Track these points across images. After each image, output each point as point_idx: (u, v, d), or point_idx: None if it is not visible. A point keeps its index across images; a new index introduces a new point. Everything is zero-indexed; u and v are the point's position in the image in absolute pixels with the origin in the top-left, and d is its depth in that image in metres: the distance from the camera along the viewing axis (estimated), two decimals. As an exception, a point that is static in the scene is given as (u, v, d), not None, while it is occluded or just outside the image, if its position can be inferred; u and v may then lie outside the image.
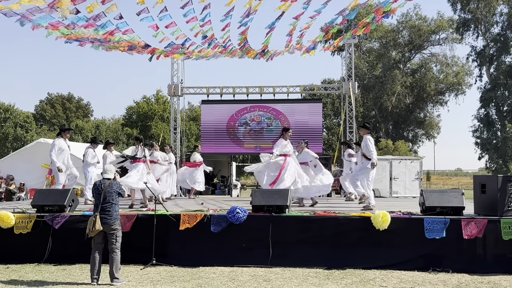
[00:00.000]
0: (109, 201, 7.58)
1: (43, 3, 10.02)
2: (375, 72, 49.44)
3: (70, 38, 12.44)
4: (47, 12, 10.32)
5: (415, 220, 8.61)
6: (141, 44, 13.62)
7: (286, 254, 8.61)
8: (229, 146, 21.22)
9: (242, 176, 50.62)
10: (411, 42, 49.51)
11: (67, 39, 12.41)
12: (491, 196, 8.63)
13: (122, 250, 7.68)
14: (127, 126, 52.85)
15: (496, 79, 44.59)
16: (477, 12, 44.83)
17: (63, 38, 12.35)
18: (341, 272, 8.18)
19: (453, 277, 7.86)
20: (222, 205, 11.67)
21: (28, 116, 52.30)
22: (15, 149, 37.77)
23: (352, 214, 8.97)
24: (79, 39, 12.63)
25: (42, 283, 7.53)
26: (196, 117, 50.09)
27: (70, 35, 12.17)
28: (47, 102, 59.81)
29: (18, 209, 9.62)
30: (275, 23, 12.85)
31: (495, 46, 45.45)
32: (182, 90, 21.50)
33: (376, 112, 51.59)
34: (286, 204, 8.95)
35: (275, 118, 21.09)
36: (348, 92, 20.69)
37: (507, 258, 8.25)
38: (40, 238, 8.94)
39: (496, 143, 44.97)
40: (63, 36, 12.21)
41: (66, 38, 12.38)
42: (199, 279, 7.75)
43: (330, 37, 14.58)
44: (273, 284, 7.40)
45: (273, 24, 13.00)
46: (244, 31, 13.35)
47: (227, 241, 8.78)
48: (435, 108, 52.78)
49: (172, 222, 8.89)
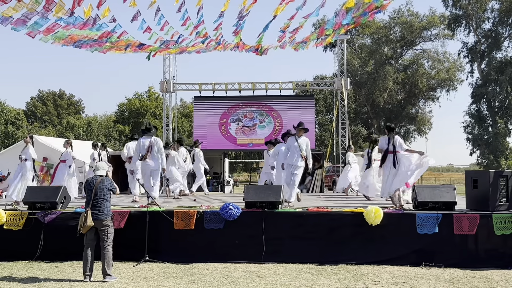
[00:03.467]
0: (100, 197, 7.56)
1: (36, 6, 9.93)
2: (367, 68, 49.46)
3: (66, 42, 12.33)
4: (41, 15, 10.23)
5: (408, 216, 8.64)
6: (136, 43, 13.60)
7: (279, 250, 8.62)
8: (222, 143, 21.23)
9: (234, 172, 50.64)
10: (403, 38, 49.54)
11: (63, 43, 12.30)
12: (483, 191, 8.67)
13: (114, 247, 7.66)
14: (119, 123, 52.67)
15: (487, 75, 44.72)
16: (468, 8, 44.92)
17: (58, 44, 12.25)
18: (334, 268, 8.20)
19: (445, 272, 7.90)
20: (215, 201, 11.64)
21: (19, 113, 52.09)
22: (6, 146, 37.58)
23: (345, 210, 9.00)
24: (75, 43, 12.52)
25: (34, 280, 7.49)
26: (189, 113, 50.00)
27: (66, 38, 12.06)
28: (38, 99, 59.44)
29: (10, 206, 9.56)
30: (269, 25, 12.87)
31: (486, 42, 45.58)
32: (174, 87, 21.47)
33: (368, 108, 51.68)
34: (279, 200, 8.95)
35: (268, 114, 21.11)
36: (340, 88, 20.74)
37: (499, 252, 8.30)
38: (32, 235, 8.88)
39: (488, 139, 45.15)
40: (58, 41, 12.07)
41: (63, 43, 12.26)
42: (192, 275, 7.74)
43: (323, 34, 14.58)
44: (266, 280, 7.41)
45: (267, 28, 13.03)
46: (238, 31, 13.33)
47: (220, 238, 8.78)
48: (426, 104, 52.89)
49: (165, 219, 8.87)
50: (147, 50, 14.39)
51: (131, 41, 13.35)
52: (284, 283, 7.23)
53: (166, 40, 13.94)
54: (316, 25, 46.92)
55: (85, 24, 11.23)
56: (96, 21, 11.27)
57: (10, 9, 9.76)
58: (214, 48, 14.86)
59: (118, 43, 13.11)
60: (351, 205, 10.02)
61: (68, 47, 12.68)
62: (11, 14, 9.90)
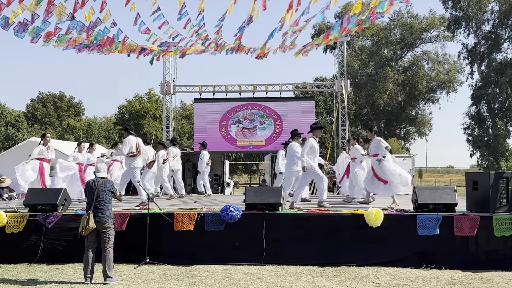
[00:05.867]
0: (102, 199, 7.56)
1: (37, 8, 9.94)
2: (367, 70, 49.53)
3: (67, 46, 12.33)
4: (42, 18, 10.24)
5: (408, 217, 8.65)
6: (139, 49, 13.60)
7: (279, 252, 8.62)
8: (222, 144, 21.22)
9: (235, 174, 50.64)
10: (403, 40, 49.62)
11: (64, 45, 12.30)
12: (483, 192, 8.67)
13: (115, 249, 7.66)
14: (119, 125, 52.61)
15: (487, 76, 44.78)
16: (468, 10, 44.99)
17: (59, 47, 12.26)
18: (334, 269, 8.20)
19: (446, 274, 7.90)
20: (216, 203, 11.64)
21: (19, 115, 52.11)
22: (6, 148, 37.58)
23: (346, 211, 9.00)
24: (76, 46, 12.52)
25: (35, 282, 7.50)
26: (189, 115, 49.99)
27: (68, 42, 12.06)
28: (38, 101, 59.45)
29: (10, 209, 9.56)
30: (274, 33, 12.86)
31: (486, 44, 45.65)
32: (174, 89, 21.48)
33: (368, 110, 51.73)
34: (279, 202, 8.95)
35: (268, 116, 21.12)
36: (340, 90, 20.75)
37: (500, 254, 8.31)
38: (33, 237, 8.89)
39: (488, 140, 45.20)
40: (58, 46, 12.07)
41: (64, 45, 12.25)
42: (192, 277, 7.74)
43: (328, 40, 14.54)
44: (267, 282, 7.41)
45: (272, 36, 13.03)
46: (239, 36, 13.32)
47: (220, 239, 8.78)
48: (426, 106, 52.98)
49: (165, 221, 8.88)
50: (150, 54, 14.39)
51: (134, 46, 13.35)
52: (285, 285, 7.23)
53: (166, 42, 13.94)
54: (316, 27, 47.02)
55: (87, 28, 11.22)
56: (97, 25, 11.26)
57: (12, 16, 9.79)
58: (215, 49, 14.84)
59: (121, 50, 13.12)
60: (352, 207, 10.03)
61: (67, 50, 12.66)
62: (13, 20, 9.92)
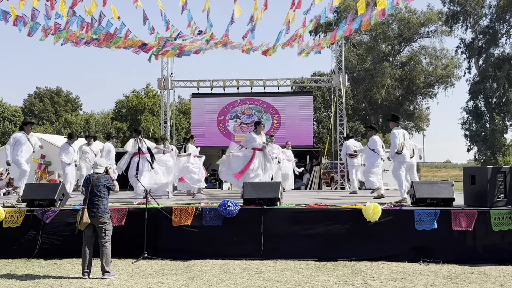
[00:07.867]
0: (97, 194, 7.52)
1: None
2: (365, 65, 49.51)
3: (66, 41, 12.26)
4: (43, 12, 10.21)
5: (406, 212, 8.66)
6: (138, 43, 13.55)
7: (277, 246, 8.63)
8: (220, 139, 21.15)
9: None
10: (401, 35, 49.59)
11: (63, 39, 12.23)
12: (480, 187, 8.69)
13: (113, 244, 7.65)
14: (117, 120, 52.56)
15: (485, 71, 44.85)
16: (466, 5, 45.00)
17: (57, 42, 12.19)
18: (332, 264, 8.22)
19: (443, 268, 7.92)
20: (213, 198, 11.65)
21: (17, 110, 51.97)
22: (3, 143, 37.48)
23: (343, 206, 9.01)
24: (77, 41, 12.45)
25: (33, 277, 7.49)
26: (186, 110, 49.91)
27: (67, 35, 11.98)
28: (35, 96, 59.34)
29: (8, 203, 9.54)
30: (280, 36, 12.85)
31: (484, 39, 45.70)
32: (172, 84, 21.42)
33: (366, 104, 51.74)
34: (277, 197, 8.96)
35: (266, 111, 21.08)
36: (338, 85, 20.72)
37: (497, 248, 8.34)
38: (31, 232, 8.88)
39: (485, 135, 45.31)
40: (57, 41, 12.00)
41: (62, 39, 12.19)
42: (191, 272, 7.75)
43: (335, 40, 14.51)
44: (265, 277, 7.41)
45: (278, 40, 13.04)
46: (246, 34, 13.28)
47: (218, 234, 8.77)
48: (424, 101, 53.05)
49: (163, 216, 8.87)
50: (152, 51, 14.34)
51: (134, 41, 13.29)
52: (283, 280, 7.24)
53: (167, 39, 13.89)
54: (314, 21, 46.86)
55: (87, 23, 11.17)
56: (101, 19, 11.18)
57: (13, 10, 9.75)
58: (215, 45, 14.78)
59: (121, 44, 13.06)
60: (350, 202, 10.04)
61: (65, 44, 12.61)
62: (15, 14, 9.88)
